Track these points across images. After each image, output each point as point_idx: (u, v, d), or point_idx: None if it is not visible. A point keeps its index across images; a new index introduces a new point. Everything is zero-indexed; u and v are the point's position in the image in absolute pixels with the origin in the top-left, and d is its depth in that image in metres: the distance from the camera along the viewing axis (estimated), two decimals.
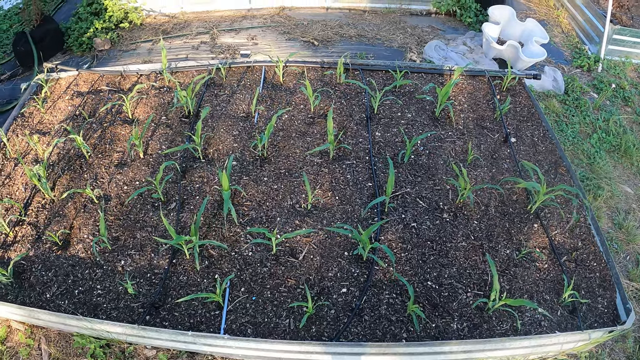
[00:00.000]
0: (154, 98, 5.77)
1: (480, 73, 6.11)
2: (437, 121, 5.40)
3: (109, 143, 5.22)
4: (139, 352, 4.05)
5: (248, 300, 3.90)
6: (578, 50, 8.11)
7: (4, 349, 4.12)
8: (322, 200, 4.57)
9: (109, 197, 4.68)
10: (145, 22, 8.64)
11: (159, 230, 4.39)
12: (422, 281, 4.00)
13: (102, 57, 7.83)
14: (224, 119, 5.41)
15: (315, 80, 5.96)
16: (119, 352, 4.05)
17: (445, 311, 3.83)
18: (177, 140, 5.19)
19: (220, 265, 4.11)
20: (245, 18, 8.59)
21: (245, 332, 3.71)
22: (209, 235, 4.33)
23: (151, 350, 4.05)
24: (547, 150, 5.16)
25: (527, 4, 9.30)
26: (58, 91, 5.96)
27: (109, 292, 3.98)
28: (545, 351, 3.94)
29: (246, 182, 4.73)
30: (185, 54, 7.62)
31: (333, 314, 3.79)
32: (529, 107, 5.68)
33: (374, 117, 5.44)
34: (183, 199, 4.63)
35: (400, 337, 3.68)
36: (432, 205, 4.55)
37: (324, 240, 4.27)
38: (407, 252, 4.18)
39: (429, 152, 5.04)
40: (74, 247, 4.29)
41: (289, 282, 3.99)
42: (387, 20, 8.49)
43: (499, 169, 4.91)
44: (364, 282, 3.98)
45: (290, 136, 5.20)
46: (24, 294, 3.99)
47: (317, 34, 7.98)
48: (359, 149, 5.05)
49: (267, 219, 4.43)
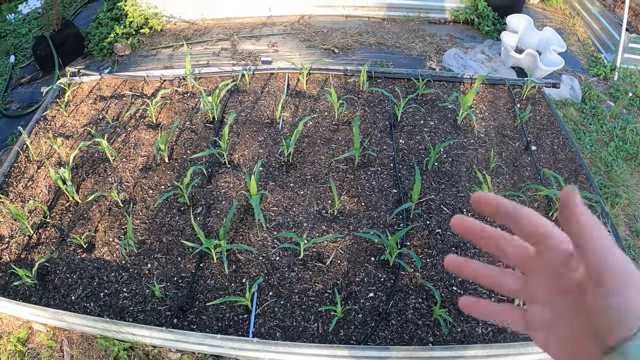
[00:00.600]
0: (178, 103, 5.85)
1: (500, 81, 6.17)
2: (459, 129, 5.46)
3: (133, 147, 5.29)
4: (163, 355, 4.09)
5: (276, 304, 3.95)
6: (594, 59, 8.15)
7: (26, 350, 4.17)
8: (348, 206, 4.63)
9: (134, 200, 4.75)
10: (165, 28, 8.73)
11: (185, 234, 4.46)
12: (447, 286, 4.05)
13: (122, 62, 7.92)
14: (248, 125, 5.48)
15: (338, 87, 6.03)
16: (142, 355, 4.09)
17: (470, 316, 3.87)
18: (202, 146, 5.26)
19: (248, 270, 4.17)
20: (265, 25, 8.66)
21: (274, 336, 3.76)
22: (236, 239, 4.40)
23: (176, 353, 4.10)
24: (567, 158, 5.21)
25: (544, 12, 9.34)
26: (81, 95, 6.05)
27: (136, 295, 4.04)
28: None
29: (272, 188, 4.80)
30: (206, 60, 7.70)
31: (360, 318, 3.85)
32: (549, 116, 5.73)
33: (397, 124, 5.50)
34: (209, 204, 4.70)
35: (427, 341, 3.73)
36: (456, 212, 4.60)
37: (350, 245, 4.33)
38: (433, 258, 4.24)
39: (451, 160, 5.10)
40: (99, 250, 4.35)
41: (316, 286, 4.05)
42: (405, 29, 8.55)
43: (520, 176, 4.97)
44: (390, 286, 4.04)
45: (315, 143, 5.26)
46: (48, 295, 4.05)
47: (337, 42, 8.04)
48: (384, 156, 5.11)
49: (294, 224, 4.50)
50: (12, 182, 4.95)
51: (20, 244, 4.42)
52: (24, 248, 4.38)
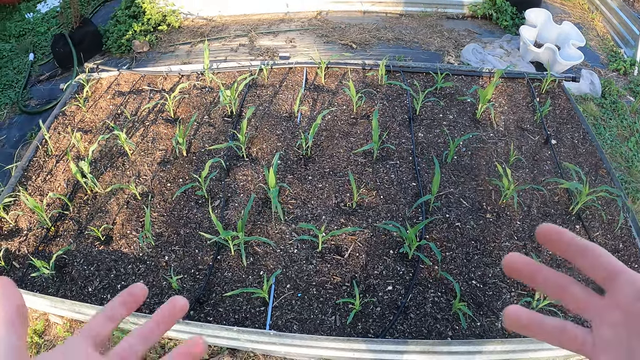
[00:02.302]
0: (196, 98, 5.85)
1: (519, 75, 6.12)
2: (478, 123, 5.43)
3: (151, 141, 5.30)
4: None
5: (294, 296, 3.95)
6: (613, 54, 8.08)
7: (42, 342, 4.20)
8: (366, 199, 4.62)
9: (152, 193, 4.76)
10: (183, 25, 8.74)
11: (203, 227, 4.46)
12: (467, 280, 4.03)
13: (140, 58, 7.94)
14: (267, 118, 5.48)
15: (356, 81, 6.01)
16: (158, 348, 4.12)
17: (489, 310, 3.85)
18: (220, 139, 5.27)
19: (266, 262, 4.17)
20: (282, 21, 8.65)
21: (291, 328, 3.76)
22: (254, 232, 4.39)
23: None
24: (587, 153, 5.17)
25: (562, 7, 9.27)
26: (99, 91, 6.07)
27: (153, 287, 4.06)
28: None
29: (291, 181, 4.79)
30: (224, 56, 7.71)
31: (379, 311, 3.83)
32: (569, 110, 5.68)
33: (416, 118, 5.47)
34: (227, 197, 4.70)
35: (446, 335, 3.71)
36: (475, 206, 4.58)
37: (369, 238, 4.32)
38: (452, 252, 4.22)
39: (471, 153, 5.07)
40: (116, 242, 4.37)
41: (334, 279, 4.04)
42: (423, 24, 8.52)
43: (540, 170, 4.93)
44: (409, 280, 4.02)
45: (334, 136, 5.25)
46: (65, 287, 4.08)
47: (355, 37, 8.02)
48: (402, 149, 5.09)
49: (312, 217, 4.49)
50: (31, 176, 4.98)
51: (39, 236, 4.45)
52: (42, 240, 4.40)
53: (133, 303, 0.78)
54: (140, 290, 0.79)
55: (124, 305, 0.77)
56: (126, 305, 0.77)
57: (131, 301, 0.78)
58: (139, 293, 0.78)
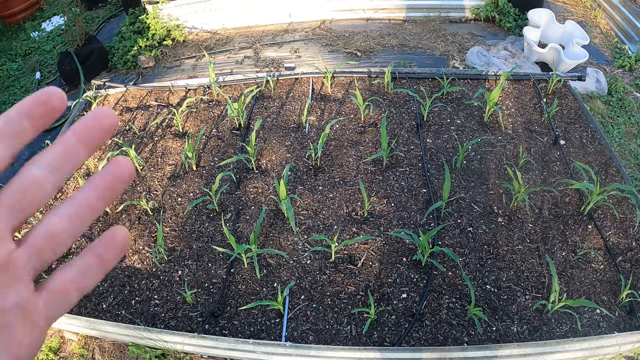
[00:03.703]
0: (204, 112, 5.88)
1: (525, 77, 6.13)
2: (486, 126, 5.44)
3: (160, 156, 5.34)
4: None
5: (308, 307, 3.96)
6: (618, 50, 8.06)
7: (57, 359, 4.21)
8: (377, 207, 4.63)
9: (163, 208, 4.79)
10: (187, 39, 8.78)
11: (215, 240, 4.48)
12: (481, 285, 4.03)
13: (147, 74, 7.98)
14: (275, 130, 5.50)
15: (363, 89, 6.03)
16: None
17: (505, 314, 3.85)
18: (229, 152, 5.29)
19: (279, 274, 4.19)
20: (286, 32, 8.67)
21: (307, 339, 3.77)
22: (266, 244, 4.41)
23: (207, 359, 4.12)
24: (596, 151, 5.17)
25: (564, 5, 9.26)
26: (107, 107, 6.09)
27: (167, 302, 4.08)
28: (603, 353, 3.93)
29: (301, 192, 4.81)
30: (230, 68, 7.73)
31: (394, 319, 3.84)
32: (576, 109, 5.68)
33: (424, 124, 5.48)
34: (238, 209, 4.71)
35: (462, 341, 3.71)
36: (486, 210, 4.58)
37: (381, 246, 4.33)
38: (465, 257, 4.22)
39: (480, 157, 5.08)
40: (129, 258, 4.41)
41: (348, 288, 4.05)
42: (427, 29, 8.52)
43: (550, 171, 4.93)
44: (423, 287, 4.02)
45: (343, 145, 5.27)
46: (80, 304, 4.12)
47: (359, 45, 8.03)
48: (412, 156, 5.10)
49: (324, 227, 4.50)
50: None
51: None
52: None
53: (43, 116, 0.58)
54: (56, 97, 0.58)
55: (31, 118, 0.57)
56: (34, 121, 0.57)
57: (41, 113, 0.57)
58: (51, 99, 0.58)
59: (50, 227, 0.58)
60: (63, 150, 0.59)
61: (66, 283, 0.60)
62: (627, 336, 3.65)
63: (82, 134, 0.60)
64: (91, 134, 0.60)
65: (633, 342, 3.74)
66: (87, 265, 0.61)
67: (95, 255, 0.62)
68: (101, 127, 0.60)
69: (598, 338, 3.60)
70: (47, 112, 0.57)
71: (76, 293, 0.60)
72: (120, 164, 0.61)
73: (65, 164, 0.59)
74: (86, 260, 0.61)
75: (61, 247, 0.59)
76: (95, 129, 0.60)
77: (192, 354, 4.10)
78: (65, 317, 3.91)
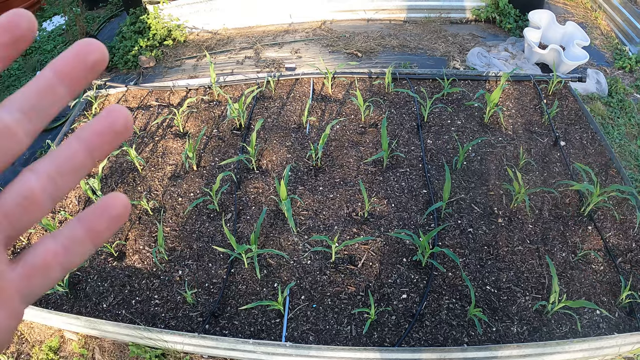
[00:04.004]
0: (204, 112, 5.89)
1: (525, 78, 6.13)
2: (486, 127, 5.44)
3: (161, 156, 5.34)
4: None
5: (309, 307, 3.96)
6: (619, 52, 8.06)
7: (57, 358, 4.21)
8: (378, 208, 4.63)
9: (164, 208, 4.79)
10: (188, 39, 8.78)
11: (215, 240, 4.48)
12: (481, 285, 4.03)
13: (147, 74, 7.98)
14: (275, 130, 5.50)
15: (363, 90, 6.04)
16: None
17: (505, 315, 3.86)
18: (229, 153, 5.29)
19: (280, 274, 4.19)
20: (287, 32, 8.67)
21: (307, 340, 3.77)
22: (267, 244, 4.42)
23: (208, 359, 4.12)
24: (596, 153, 5.17)
25: (565, 7, 9.26)
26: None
27: (167, 302, 4.08)
28: (603, 354, 3.93)
29: (302, 192, 4.81)
30: (231, 69, 7.73)
31: (394, 320, 3.84)
32: (576, 110, 5.69)
33: (424, 125, 5.49)
34: (239, 210, 4.72)
35: (462, 342, 3.71)
36: (486, 211, 4.59)
37: (382, 247, 4.33)
38: (465, 257, 4.23)
39: (480, 158, 5.08)
40: (130, 258, 4.41)
41: (349, 289, 4.05)
42: (427, 30, 8.52)
43: (550, 172, 4.93)
44: (423, 287, 4.02)
45: (343, 146, 5.27)
46: (80, 304, 4.12)
47: (360, 46, 8.03)
48: (412, 157, 5.10)
49: (325, 227, 4.50)
50: None
51: None
52: None
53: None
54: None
55: None
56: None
57: None
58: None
59: (25, 186, 0.49)
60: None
61: (48, 256, 0.51)
62: (626, 337, 3.65)
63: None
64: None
65: (633, 343, 3.74)
66: (75, 237, 0.52)
67: (85, 225, 0.52)
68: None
69: (598, 339, 3.59)
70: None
71: (59, 269, 0.51)
72: (114, 112, 0.52)
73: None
74: (74, 232, 0.52)
75: (38, 210, 0.50)
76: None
77: (192, 353, 4.09)
78: (65, 316, 3.92)
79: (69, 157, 0.51)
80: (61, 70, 0.50)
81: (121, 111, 0.52)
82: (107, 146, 0.52)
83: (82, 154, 0.51)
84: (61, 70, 0.50)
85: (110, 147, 0.52)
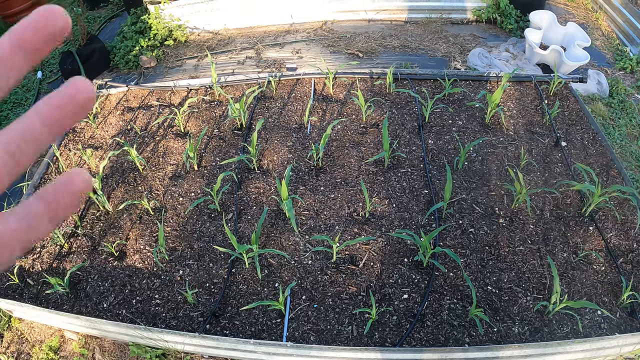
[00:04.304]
0: (205, 112, 5.89)
1: (526, 79, 6.13)
2: (487, 127, 5.43)
3: (162, 156, 5.34)
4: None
5: (310, 307, 3.95)
6: (619, 52, 8.06)
7: (58, 358, 4.21)
8: (379, 208, 4.63)
9: (164, 208, 4.79)
10: (189, 39, 8.78)
11: (216, 240, 4.48)
12: (482, 286, 4.03)
13: (148, 74, 7.98)
14: (277, 130, 5.50)
15: (365, 90, 6.03)
16: None
17: (506, 315, 3.85)
18: (230, 153, 5.29)
19: (281, 274, 4.18)
20: (288, 33, 8.67)
21: (308, 340, 3.76)
22: (268, 244, 4.41)
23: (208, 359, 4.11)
24: (597, 153, 5.16)
25: (566, 7, 9.26)
26: (108, 107, 6.12)
27: (168, 302, 4.08)
28: (604, 354, 3.92)
29: (303, 192, 4.81)
30: (232, 69, 7.73)
31: (395, 320, 3.84)
32: (577, 111, 5.68)
33: (426, 125, 5.48)
34: (240, 210, 4.71)
35: (463, 342, 3.71)
36: (488, 211, 4.58)
37: (383, 247, 4.33)
38: (466, 258, 4.22)
39: (481, 158, 5.08)
40: (130, 258, 4.41)
41: (350, 289, 4.05)
42: (428, 30, 8.52)
43: (551, 173, 4.93)
44: (424, 288, 4.02)
45: (344, 146, 5.27)
46: (80, 303, 4.12)
47: (361, 46, 8.03)
48: (413, 157, 5.10)
49: (326, 227, 4.50)
50: None
51: (52, 253, 4.49)
52: (56, 257, 4.45)
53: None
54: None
55: None
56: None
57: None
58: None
59: None
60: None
61: (6, 234, 0.47)
62: (628, 337, 3.64)
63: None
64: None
65: (634, 343, 3.73)
66: (34, 213, 0.50)
67: (45, 202, 0.50)
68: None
69: (599, 339, 3.59)
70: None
71: (18, 247, 0.48)
72: (77, 83, 0.49)
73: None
74: (33, 208, 0.50)
75: None
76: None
77: (193, 353, 4.09)
78: (65, 316, 3.92)
79: (27, 130, 0.48)
80: (19, 38, 0.47)
81: (85, 83, 0.50)
82: (67, 120, 0.50)
83: (40, 127, 0.49)
84: (19, 38, 0.47)
85: (70, 122, 0.50)
